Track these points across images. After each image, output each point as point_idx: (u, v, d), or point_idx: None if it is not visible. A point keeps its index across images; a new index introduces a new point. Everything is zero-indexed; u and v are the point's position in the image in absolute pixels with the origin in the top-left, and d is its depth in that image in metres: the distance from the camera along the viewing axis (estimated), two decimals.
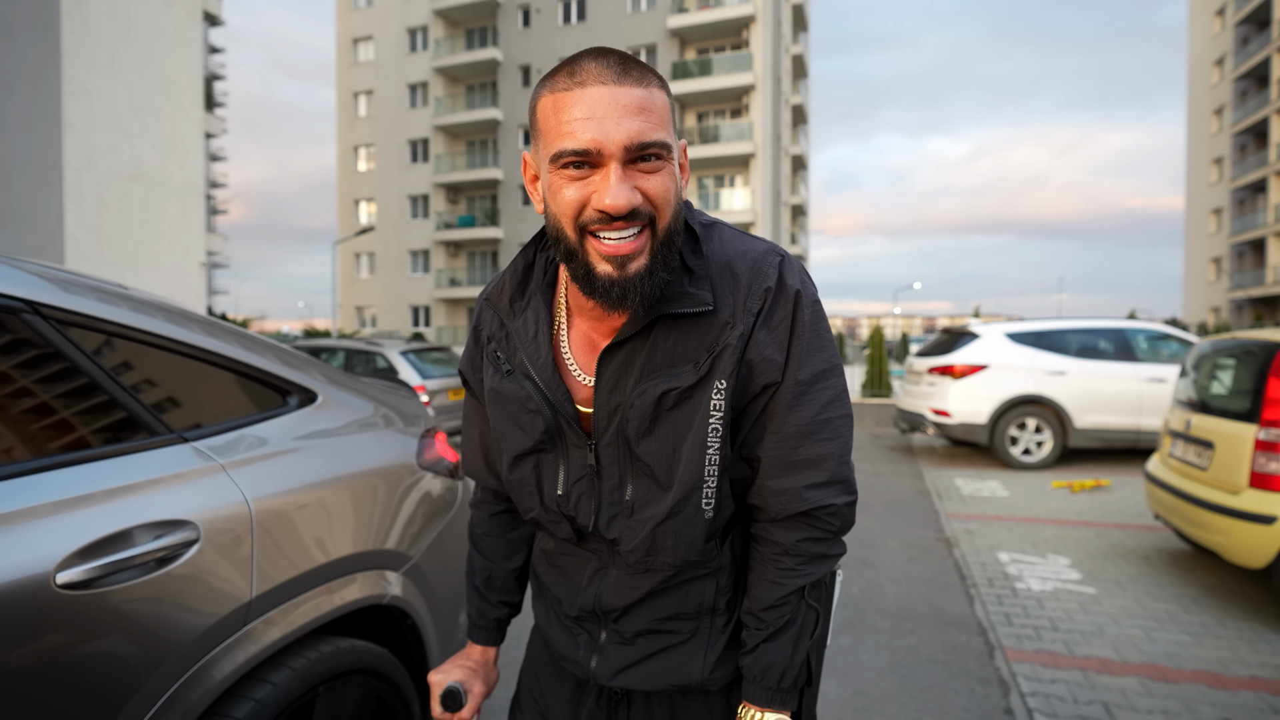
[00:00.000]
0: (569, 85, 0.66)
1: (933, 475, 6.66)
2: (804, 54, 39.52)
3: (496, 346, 0.85)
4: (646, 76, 0.68)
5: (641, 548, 0.79)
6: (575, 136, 0.65)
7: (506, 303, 0.83)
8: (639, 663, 0.85)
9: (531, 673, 1.01)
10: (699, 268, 0.75)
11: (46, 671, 0.96)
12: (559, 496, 0.82)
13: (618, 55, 0.68)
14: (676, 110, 0.75)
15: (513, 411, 0.82)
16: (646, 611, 0.84)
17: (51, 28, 14.75)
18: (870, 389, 10.92)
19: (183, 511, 1.17)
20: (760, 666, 0.81)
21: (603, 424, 0.78)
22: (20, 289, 1.12)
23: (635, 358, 0.76)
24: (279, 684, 1.27)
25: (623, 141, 0.65)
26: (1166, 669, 2.70)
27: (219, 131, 23.15)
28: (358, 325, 34.30)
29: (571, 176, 0.67)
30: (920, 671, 2.72)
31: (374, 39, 33.70)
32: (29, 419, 1.10)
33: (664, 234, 0.70)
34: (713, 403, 0.74)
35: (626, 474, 0.79)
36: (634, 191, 0.66)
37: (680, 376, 0.74)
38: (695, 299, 0.73)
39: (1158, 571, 3.86)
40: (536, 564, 0.97)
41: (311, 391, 1.61)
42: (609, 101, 0.65)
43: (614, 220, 0.67)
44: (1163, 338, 7.14)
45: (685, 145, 0.76)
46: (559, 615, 0.92)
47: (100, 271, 16.49)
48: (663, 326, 0.75)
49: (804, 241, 43.86)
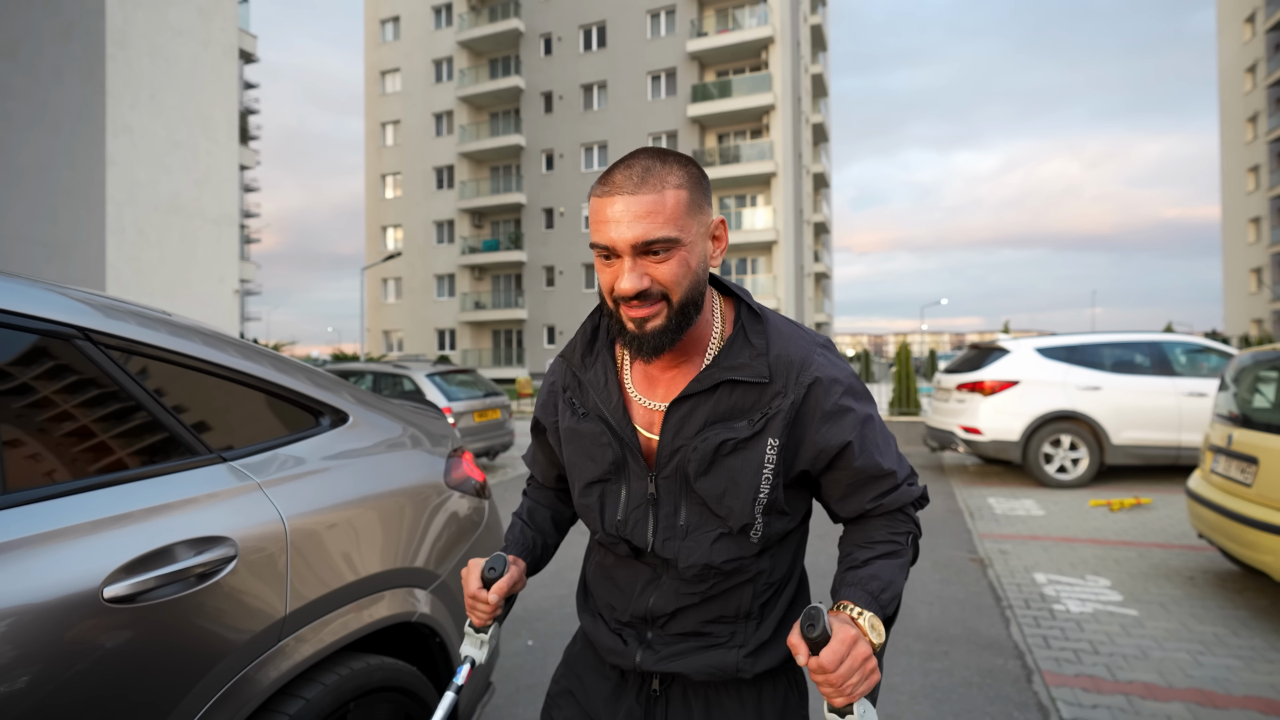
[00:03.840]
0: (600, 193, 0.85)
1: (964, 494, 6.52)
2: (823, 73, 39.70)
3: (571, 394, 1.02)
4: (665, 181, 0.83)
5: (698, 564, 0.93)
6: (601, 234, 0.84)
7: (579, 358, 1.01)
8: (681, 656, 0.96)
9: (571, 673, 1.09)
10: (760, 346, 0.91)
11: (91, 683, 0.99)
12: (618, 521, 0.96)
13: (642, 166, 0.83)
14: (704, 192, 0.88)
15: (586, 446, 0.98)
16: (692, 616, 0.96)
17: (97, 69, 15.47)
18: (898, 407, 10.77)
19: (222, 528, 1.20)
20: (868, 573, 0.91)
21: (665, 460, 0.92)
22: (72, 316, 1.18)
23: (699, 409, 0.91)
24: (312, 699, 1.29)
25: (631, 240, 0.82)
26: (1215, 695, 2.60)
27: (252, 164, 23.91)
28: (385, 349, 34.86)
29: (603, 263, 0.86)
30: (955, 695, 2.65)
31: (401, 70, 34.66)
32: (79, 440, 1.15)
33: (679, 304, 0.86)
34: (766, 456, 0.89)
35: (681, 503, 0.93)
36: (643, 278, 0.83)
37: (737, 430, 0.89)
38: (755, 371, 0.90)
39: (1204, 593, 3.72)
40: (590, 578, 1.09)
41: (343, 412, 1.65)
42: (623, 210, 0.82)
43: (630, 300, 0.84)
44: (1202, 351, 6.95)
45: (721, 220, 0.91)
46: (608, 620, 1.03)
47: (139, 299, 16.90)
48: (726, 388, 0.91)
49: (827, 259, 43.69)
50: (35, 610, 0.95)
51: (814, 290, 38.40)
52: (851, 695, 0.79)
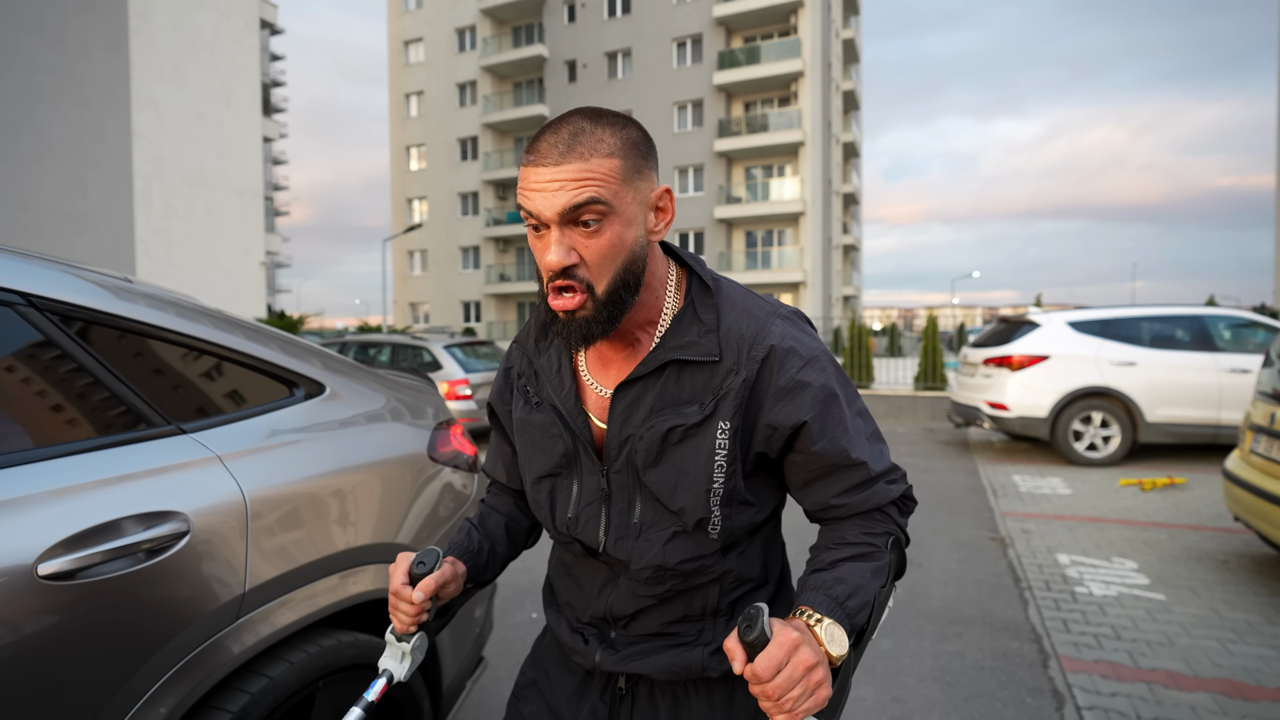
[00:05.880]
0: (526, 161, 0.76)
1: (989, 471, 6.36)
2: (855, 38, 38.43)
3: (526, 382, 0.95)
4: (595, 148, 0.73)
5: (650, 565, 0.85)
6: (526, 201, 0.75)
7: (533, 344, 0.94)
8: (643, 656, 0.90)
9: (538, 666, 1.04)
10: (709, 321, 0.83)
11: (31, 660, 0.96)
12: (569, 519, 0.89)
13: (570, 131, 0.74)
14: (642, 157, 0.77)
15: (537, 438, 0.91)
16: (655, 617, 0.90)
17: (121, 42, 15.56)
18: (923, 381, 10.53)
19: (173, 503, 1.15)
20: (833, 576, 0.81)
21: (614, 452, 0.85)
22: (14, 281, 1.12)
23: (646, 395, 0.83)
24: (276, 677, 1.25)
25: (557, 209, 0.73)
26: (1245, 685, 2.47)
27: (276, 136, 24.03)
28: (411, 321, 35.20)
29: (534, 235, 0.77)
30: (966, 679, 2.56)
31: (424, 40, 34.38)
32: (21, 410, 1.10)
33: (605, 294, 0.77)
34: (718, 441, 0.81)
35: (634, 498, 0.86)
36: (570, 252, 0.75)
37: (686, 415, 0.81)
38: (703, 349, 0.82)
39: (1237, 577, 3.56)
40: (553, 573, 1.02)
41: (319, 383, 1.59)
42: (549, 178, 0.73)
43: (555, 280, 0.76)
44: (1248, 325, 6.62)
45: (666, 190, 0.81)
46: (570, 620, 0.97)
47: (168, 272, 17.43)
48: (673, 369, 0.83)
49: (856, 231, 42.81)
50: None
51: (842, 263, 37.71)
52: (793, 713, 0.67)
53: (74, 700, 1.00)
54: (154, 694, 1.08)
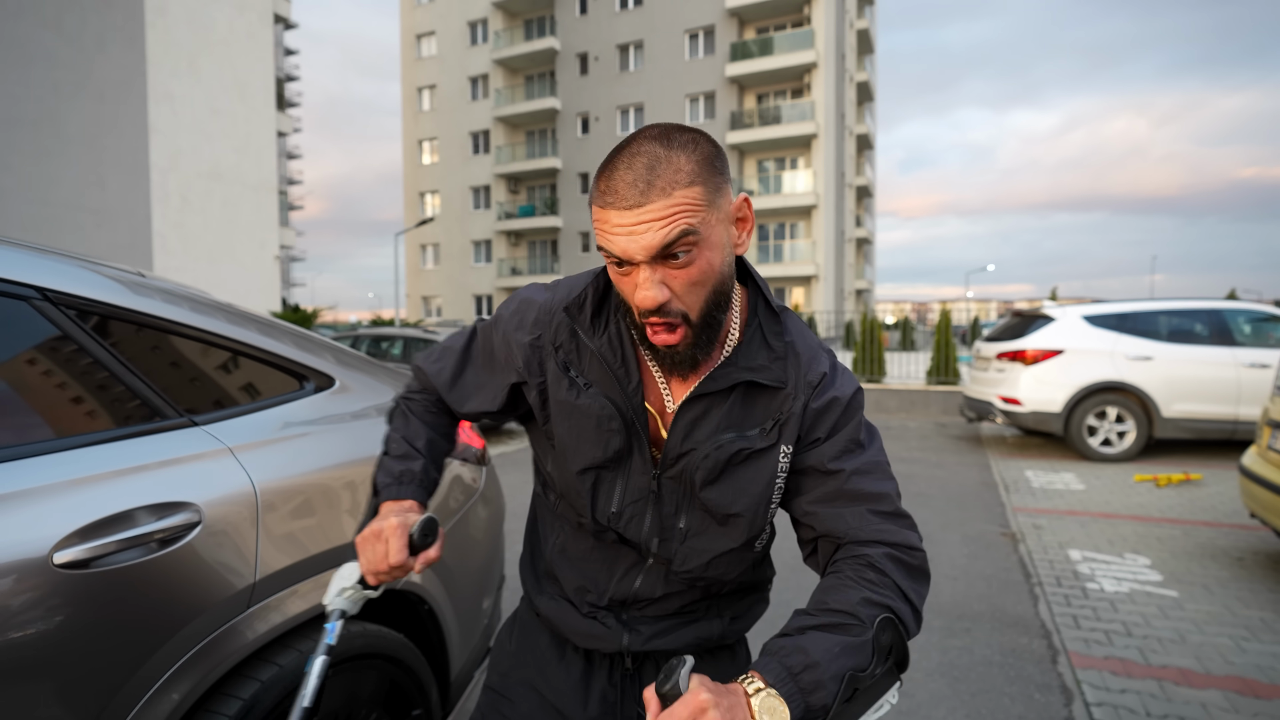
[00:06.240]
0: (603, 202, 0.73)
1: (1001, 466, 6.31)
2: (870, 28, 38.00)
3: (566, 356, 0.87)
4: (675, 179, 0.71)
5: (696, 570, 0.87)
6: (610, 244, 0.73)
7: (588, 320, 0.86)
8: (666, 633, 0.93)
9: (524, 665, 1.01)
10: (779, 349, 0.84)
11: (46, 647, 0.98)
12: (612, 513, 0.87)
13: (646, 163, 0.71)
14: (719, 172, 0.74)
15: (588, 428, 0.85)
16: (675, 600, 0.92)
17: (137, 37, 15.70)
18: (935, 375, 10.46)
19: (185, 494, 1.17)
20: (794, 644, 0.69)
21: (671, 460, 0.85)
22: (30, 275, 1.14)
23: (713, 411, 0.83)
24: (285, 666, 1.27)
25: (646, 250, 0.71)
26: (1258, 684, 2.45)
27: (290, 130, 24.19)
28: (424, 315, 35.39)
29: (616, 269, 0.76)
30: (974, 674, 2.56)
31: (436, 34, 34.41)
32: (37, 402, 1.12)
33: (700, 322, 0.77)
34: (780, 465, 0.83)
35: (684, 505, 0.86)
36: (662, 288, 0.73)
37: (750, 439, 0.83)
38: (773, 374, 0.83)
39: (1252, 575, 3.52)
40: (553, 561, 0.97)
41: (329, 376, 1.61)
42: (633, 220, 0.71)
43: (651, 315, 0.75)
44: (1270, 319, 6.51)
45: (745, 198, 0.78)
46: (579, 605, 0.94)
47: (184, 266, 17.65)
48: (741, 390, 0.83)
49: (869, 224, 42.45)
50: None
51: (855, 256, 37.43)
52: None
53: (87, 686, 1.02)
54: (166, 680, 1.10)
